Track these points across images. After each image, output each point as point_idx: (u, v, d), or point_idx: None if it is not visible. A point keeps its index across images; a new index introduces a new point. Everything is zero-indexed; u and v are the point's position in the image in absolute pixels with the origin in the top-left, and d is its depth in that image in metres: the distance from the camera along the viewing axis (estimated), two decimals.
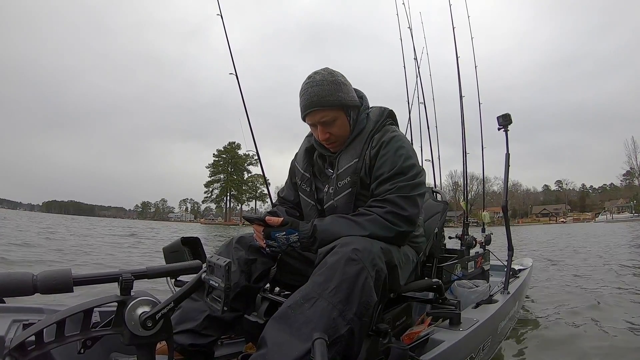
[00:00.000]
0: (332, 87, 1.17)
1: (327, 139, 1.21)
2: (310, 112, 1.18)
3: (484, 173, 3.52)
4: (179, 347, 1.08)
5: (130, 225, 25.70)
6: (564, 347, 1.96)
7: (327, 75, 1.19)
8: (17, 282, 0.65)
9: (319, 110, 1.17)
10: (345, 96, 1.20)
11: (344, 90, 1.20)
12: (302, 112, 1.21)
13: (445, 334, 1.27)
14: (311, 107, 1.17)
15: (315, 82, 1.17)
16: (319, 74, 1.19)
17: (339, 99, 1.18)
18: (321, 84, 1.16)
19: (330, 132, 1.20)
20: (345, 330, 0.88)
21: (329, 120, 1.19)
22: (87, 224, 21.16)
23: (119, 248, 7.76)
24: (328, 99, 1.16)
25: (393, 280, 1.09)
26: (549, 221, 53.87)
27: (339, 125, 1.21)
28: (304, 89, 1.19)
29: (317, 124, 1.20)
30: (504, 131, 2.08)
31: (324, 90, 1.16)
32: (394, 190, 1.13)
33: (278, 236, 1.11)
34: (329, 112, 1.18)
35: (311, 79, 1.18)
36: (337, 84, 1.19)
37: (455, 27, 3.56)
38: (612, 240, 10.70)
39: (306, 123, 1.25)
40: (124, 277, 0.71)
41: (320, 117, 1.18)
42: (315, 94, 1.16)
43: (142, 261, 5.51)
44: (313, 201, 1.30)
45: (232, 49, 2.52)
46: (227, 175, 62.29)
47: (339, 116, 1.20)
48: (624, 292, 3.34)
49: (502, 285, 2.03)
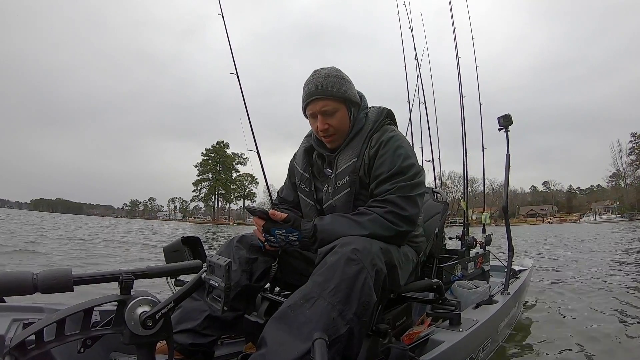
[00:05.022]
0: (336, 81, 1.20)
1: (325, 129, 1.21)
2: (312, 100, 1.20)
3: (484, 173, 3.51)
4: (179, 346, 1.08)
5: (109, 224, 23.01)
6: (564, 347, 1.96)
7: (332, 70, 1.23)
8: (18, 281, 0.65)
9: (321, 98, 1.19)
10: (348, 91, 1.23)
11: (348, 86, 1.23)
12: (303, 102, 1.23)
13: (445, 335, 1.27)
14: (314, 95, 1.19)
15: (320, 75, 1.21)
16: (325, 69, 1.23)
17: (342, 92, 1.21)
18: (326, 77, 1.20)
19: (330, 124, 1.21)
20: (344, 330, 0.88)
21: (330, 111, 1.20)
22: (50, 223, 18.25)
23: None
24: (331, 89, 1.19)
25: (393, 280, 1.09)
26: (535, 222, 54.08)
27: (339, 118, 1.22)
28: (309, 81, 1.21)
29: (317, 114, 1.21)
30: (504, 132, 2.08)
31: (328, 81, 1.19)
32: (394, 190, 1.13)
33: (277, 233, 1.11)
34: (330, 102, 1.19)
35: (317, 72, 1.22)
36: (342, 79, 1.22)
37: (455, 28, 3.56)
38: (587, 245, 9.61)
39: (306, 116, 1.26)
40: (124, 277, 0.71)
41: (321, 105, 1.19)
42: (320, 84, 1.19)
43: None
44: (312, 201, 1.30)
45: (230, 49, 2.53)
46: (216, 175, 62.62)
47: (340, 108, 1.22)
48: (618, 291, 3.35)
49: (502, 286, 2.03)
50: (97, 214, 76.65)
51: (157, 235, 13.15)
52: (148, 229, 19.14)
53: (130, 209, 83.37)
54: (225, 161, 62.79)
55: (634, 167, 51.74)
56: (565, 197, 64.92)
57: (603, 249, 8.41)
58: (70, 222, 21.56)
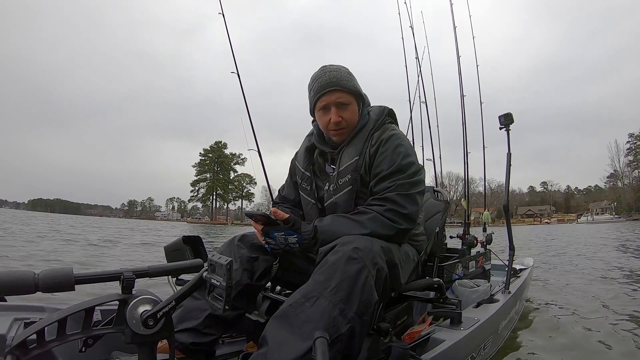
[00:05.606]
0: (347, 75, 1.23)
1: (338, 122, 1.21)
2: (328, 91, 1.20)
3: (485, 172, 3.50)
4: (180, 345, 1.08)
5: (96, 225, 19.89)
6: (564, 347, 1.96)
7: (341, 66, 1.25)
8: (19, 281, 0.65)
9: (337, 90, 1.20)
10: (358, 86, 1.25)
11: (357, 82, 1.26)
12: (317, 93, 1.21)
13: (446, 334, 1.27)
14: (330, 86, 1.19)
15: (332, 68, 1.23)
16: (334, 65, 1.25)
17: (355, 85, 1.23)
18: (338, 70, 1.22)
19: (342, 116, 1.22)
20: (346, 329, 0.88)
21: (345, 102, 1.21)
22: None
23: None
24: (346, 82, 1.21)
25: (394, 279, 1.09)
26: (533, 222, 54.11)
27: (351, 111, 1.23)
28: (320, 74, 1.22)
29: (331, 105, 1.21)
30: (505, 131, 2.08)
31: (342, 74, 1.21)
32: (393, 188, 1.13)
33: (276, 235, 1.11)
34: (345, 94, 1.21)
35: (327, 67, 1.24)
36: (351, 75, 1.25)
37: (456, 27, 3.56)
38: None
39: (313, 112, 1.27)
40: (125, 276, 0.71)
41: (337, 97, 1.20)
42: (335, 76, 1.20)
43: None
44: (313, 199, 1.30)
45: (230, 48, 2.53)
46: (214, 175, 62.76)
47: (353, 102, 1.24)
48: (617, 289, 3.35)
49: (503, 284, 2.02)
50: (94, 214, 76.48)
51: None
52: (149, 229, 18.84)
53: (128, 209, 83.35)
54: (223, 161, 63.04)
55: (632, 167, 52.23)
56: (563, 198, 65.16)
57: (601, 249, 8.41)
58: (72, 222, 21.22)
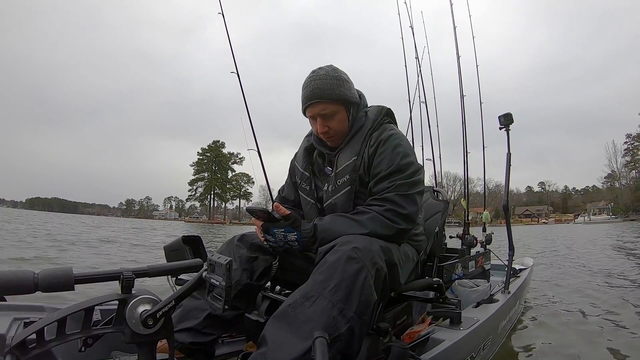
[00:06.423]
0: (334, 82, 1.19)
1: (325, 132, 1.22)
2: (311, 104, 1.20)
3: (484, 172, 3.49)
4: (180, 345, 1.08)
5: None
6: (564, 347, 1.96)
7: (330, 71, 1.21)
8: (18, 280, 0.65)
9: (319, 102, 1.19)
10: (346, 92, 1.22)
11: (346, 87, 1.22)
12: (302, 104, 1.22)
13: (446, 333, 1.27)
14: (312, 99, 1.19)
15: (318, 76, 1.20)
16: (323, 70, 1.22)
17: (340, 94, 1.20)
18: (324, 78, 1.19)
19: (329, 126, 1.21)
20: (345, 329, 0.88)
21: (329, 114, 1.20)
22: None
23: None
24: (329, 92, 1.18)
25: (393, 278, 1.09)
26: (531, 222, 54.11)
27: (338, 120, 1.22)
28: (307, 82, 1.20)
29: (316, 117, 1.21)
30: (505, 130, 2.08)
31: (326, 84, 1.18)
32: (392, 188, 1.13)
33: (276, 232, 1.11)
34: (329, 105, 1.19)
35: (315, 73, 1.21)
36: (340, 80, 1.21)
37: (456, 27, 3.55)
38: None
39: (306, 117, 1.26)
40: (125, 276, 0.71)
41: (320, 109, 1.19)
42: (318, 87, 1.18)
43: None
44: (313, 199, 1.30)
45: (229, 47, 2.52)
46: (211, 174, 62.64)
47: (339, 111, 1.21)
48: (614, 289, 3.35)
49: (503, 284, 2.03)
50: (92, 213, 76.18)
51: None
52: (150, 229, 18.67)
53: (126, 208, 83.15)
54: (221, 161, 62.90)
55: (629, 168, 52.26)
56: (561, 198, 65.11)
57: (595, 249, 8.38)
58: (68, 222, 21.04)
